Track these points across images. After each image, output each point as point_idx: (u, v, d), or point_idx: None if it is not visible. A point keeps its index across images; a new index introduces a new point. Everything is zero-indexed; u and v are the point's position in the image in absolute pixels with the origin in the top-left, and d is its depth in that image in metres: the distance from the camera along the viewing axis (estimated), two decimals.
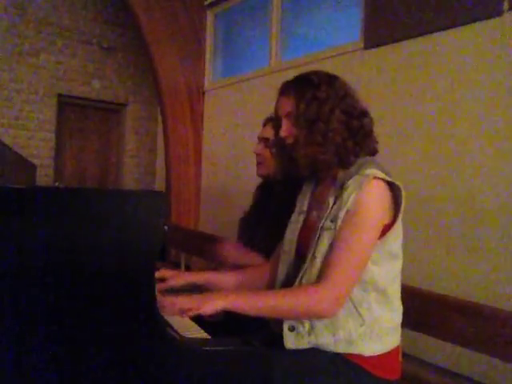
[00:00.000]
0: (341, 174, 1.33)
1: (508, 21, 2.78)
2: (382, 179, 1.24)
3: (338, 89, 1.34)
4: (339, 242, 1.24)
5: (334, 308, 1.24)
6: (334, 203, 1.29)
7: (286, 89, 1.39)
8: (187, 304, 1.22)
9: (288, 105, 1.37)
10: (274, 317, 1.31)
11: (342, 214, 1.25)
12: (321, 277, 1.26)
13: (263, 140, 1.90)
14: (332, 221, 1.27)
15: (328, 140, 1.30)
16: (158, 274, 1.48)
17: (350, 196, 1.24)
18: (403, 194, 1.26)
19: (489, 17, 2.85)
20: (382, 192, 1.25)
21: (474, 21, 2.92)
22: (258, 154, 1.92)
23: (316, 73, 1.38)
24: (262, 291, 1.41)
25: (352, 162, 1.32)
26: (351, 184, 1.25)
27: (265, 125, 1.93)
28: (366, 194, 1.23)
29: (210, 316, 1.85)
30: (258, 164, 1.92)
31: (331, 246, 1.26)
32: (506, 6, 2.77)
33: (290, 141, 1.37)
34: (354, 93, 1.38)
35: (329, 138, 1.30)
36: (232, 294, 1.29)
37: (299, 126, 1.34)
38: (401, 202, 1.26)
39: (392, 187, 1.26)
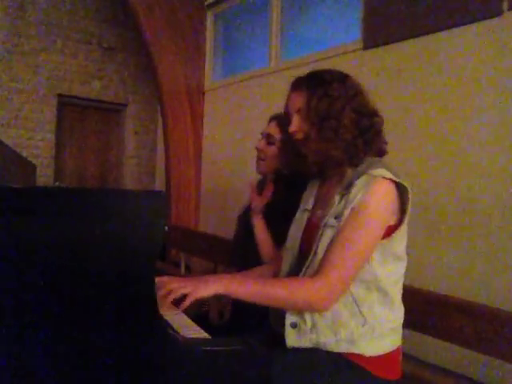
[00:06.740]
0: (348, 173, 1.33)
1: (508, 21, 2.78)
2: (390, 179, 1.24)
3: (349, 87, 1.34)
4: (340, 239, 1.24)
5: (327, 303, 1.24)
6: (340, 201, 1.29)
7: (298, 84, 1.39)
8: (181, 289, 1.18)
9: (299, 100, 1.37)
10: (267, 304, 1.29)
11: (346, 212, 1.25)
12: (318, 271, 1.25)
13: (266, 136, 1.88)
14: (336, 218, 1.27)
15: (339, 137, 1.30)
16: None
17: (356, 195, 1.24)
18: (410, 195, 1.26)
19: (489, 17, 2.85)
20: (389, 193, 1.25)
21: (474, 21, 2.92)
22: (260, 150, 1.89)
23: (329, 71, 1.39)
24: (258, 279, 1.38)
25: (361, 160, 1.32)
26: (359, 183, 1.25)
27: (270, 121, 1.91)
28: (372, 194, 1.23)
29: (218, 318, 1.86)
30: (260, 160, 1.89)
31: (332, 242, 1.26)
32: (505, 5, 2.77)
33: (299, 136, 1.37)
34: (365, 92, 1.39)
35: (340, 134, 1.30)
36: (227, 277, 1.27)
37: (310, 121, 1.34)
38: (407, 204, 1.26)
39: (399, 188, 1.26)
